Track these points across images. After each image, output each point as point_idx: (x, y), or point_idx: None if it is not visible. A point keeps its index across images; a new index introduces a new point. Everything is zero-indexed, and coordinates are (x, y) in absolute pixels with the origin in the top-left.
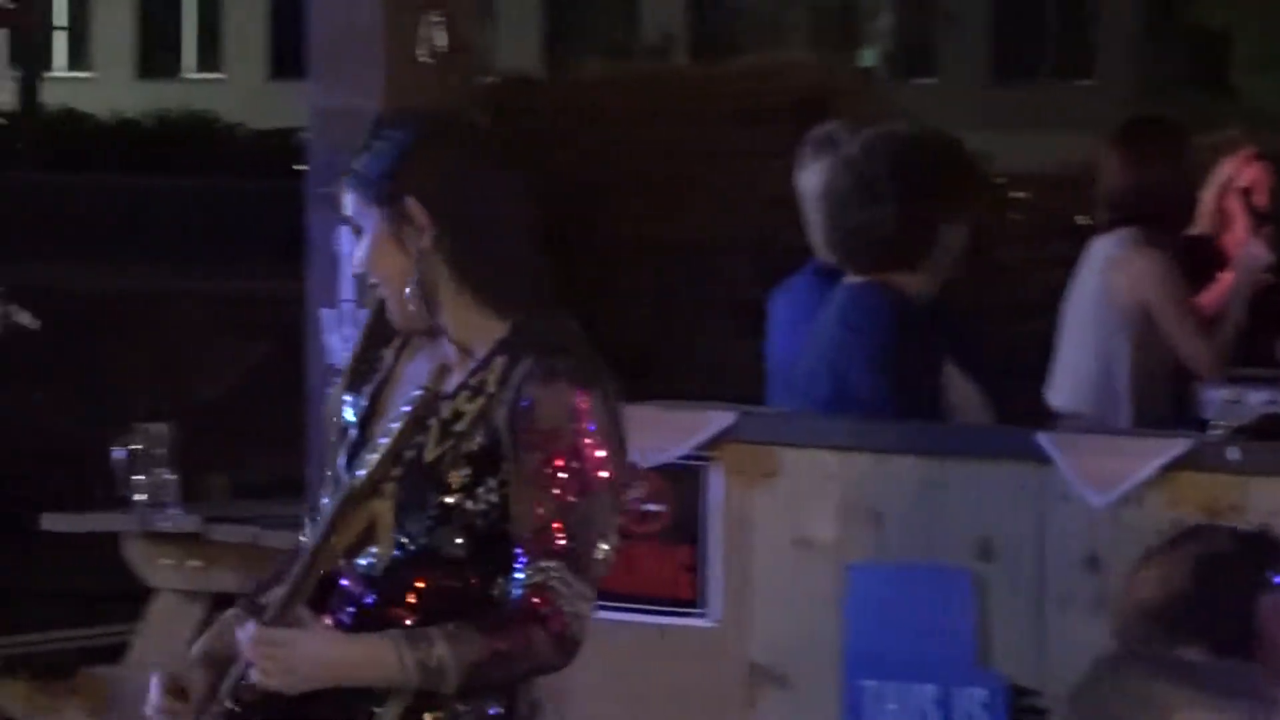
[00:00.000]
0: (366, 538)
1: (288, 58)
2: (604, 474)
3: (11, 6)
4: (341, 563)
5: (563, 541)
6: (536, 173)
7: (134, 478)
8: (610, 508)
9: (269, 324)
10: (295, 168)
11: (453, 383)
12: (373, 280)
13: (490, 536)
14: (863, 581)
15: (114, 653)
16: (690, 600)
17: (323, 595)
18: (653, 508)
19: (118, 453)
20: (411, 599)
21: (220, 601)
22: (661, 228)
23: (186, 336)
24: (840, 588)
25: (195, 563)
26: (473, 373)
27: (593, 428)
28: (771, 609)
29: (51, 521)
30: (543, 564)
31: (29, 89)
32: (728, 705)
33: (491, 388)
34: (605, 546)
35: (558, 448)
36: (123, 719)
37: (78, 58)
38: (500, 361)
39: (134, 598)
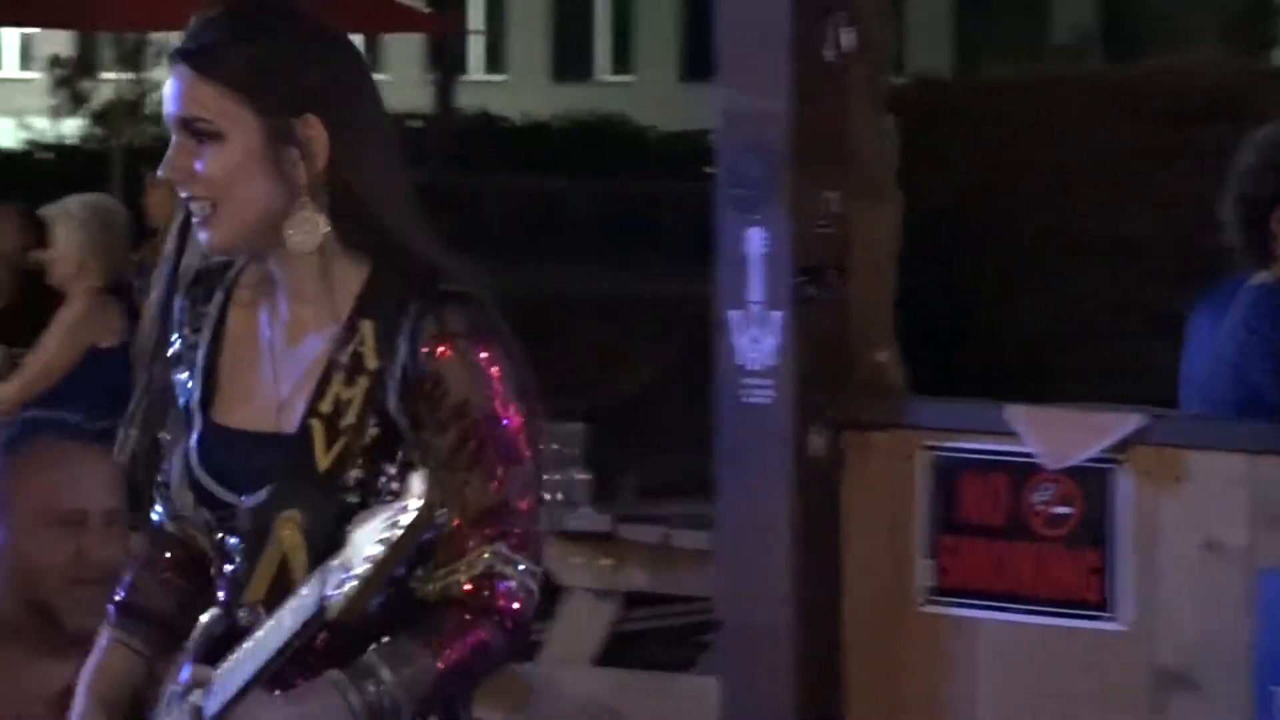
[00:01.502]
0: (281, 579)
1: (699, 59)
2: (524, 433)
3: (429, 12)
4: (262, 615)
5: (502, 521)
6: (946, 174)
7: (546, 477)
8: (538, 464)
9: (677, 325)
10: (705, 170)
11: (306, 353)
12: (201, 194)
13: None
14: (1275, 587)
15: (526, 649)
16: (1098, 603)
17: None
18: (1061, 510)
19: None
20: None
21: (630, 600)
22: (1074, 228)
23: (596, 337)
24: (1251, 593)
25: (606, 562)
26: (338, 346)
27: (503, 385)
28: (1180, 613)
29: None
30: (481, 551)
31: (444, 92)
32: (1136, 709)
33: (370, 362)
34: (538, 509)
35: (472, 421)
36: (537, 716)
37: (493, 62)
38: (368, 325)
39: (547, 595)
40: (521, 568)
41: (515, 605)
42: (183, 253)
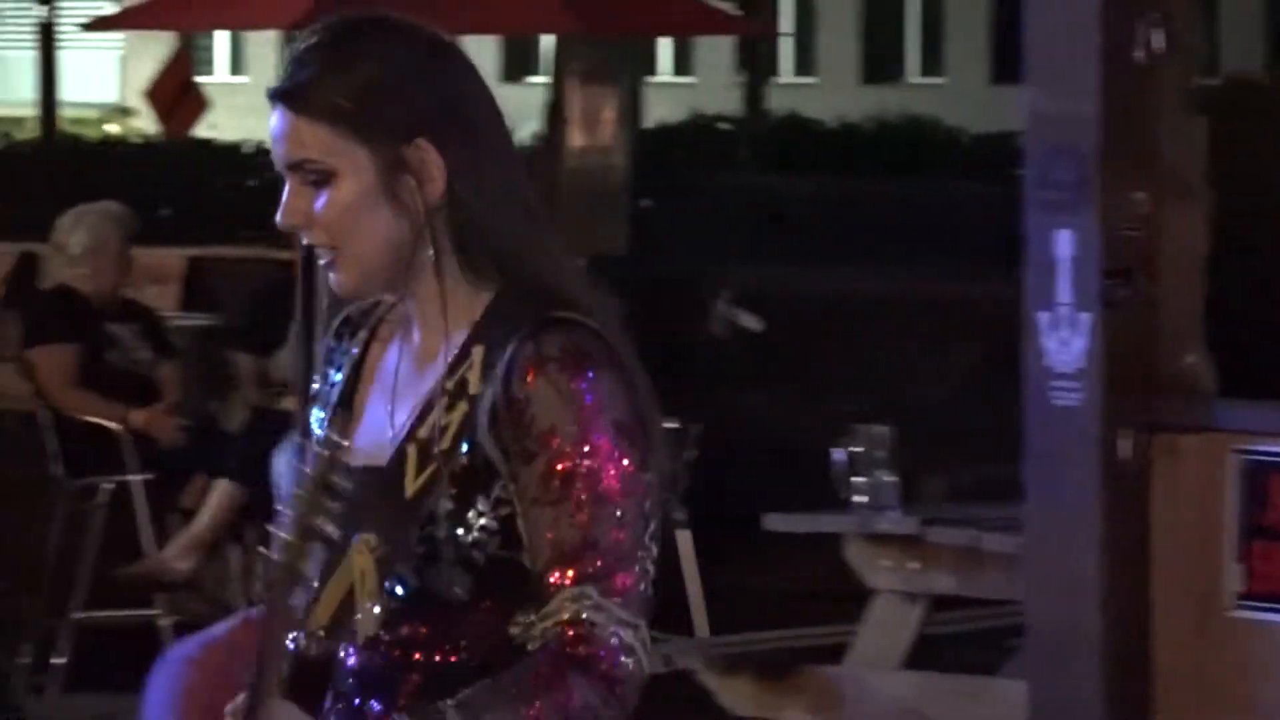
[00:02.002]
0: (348, 604)
1: (1009, 62)
2: (625, 469)
3: (740, 15)
4: (321, 638)
5: (589, 563)
6: (1257, 174)
7: (854, 479)
8: (641, 508)
9: (985, 327)
10: (1014, 172)
11: (427, 383)
12: (326, 241)
13: (495, 569)
14: None
15: (834, 652)
16: None
17: (322, 670)
18: None
19: (837, 454)
20: (417, 656)
21: (938, 603)
22: None
23: (905, 339)
24: None
25: (914, 565)
26: (449, 372)
27: (597, 416)
28: None
29: (774, 522)
30: (570, 594)
31: (755, 95)
32: None
33: (473, 388)
34: (644, 557)
35: (560, 451)
36: (845, 719)
37: (803, 64)
38: (479, 351)
39: (854, 598)
40: (616, 616)
41: (611, 659)
42: (311, 295)
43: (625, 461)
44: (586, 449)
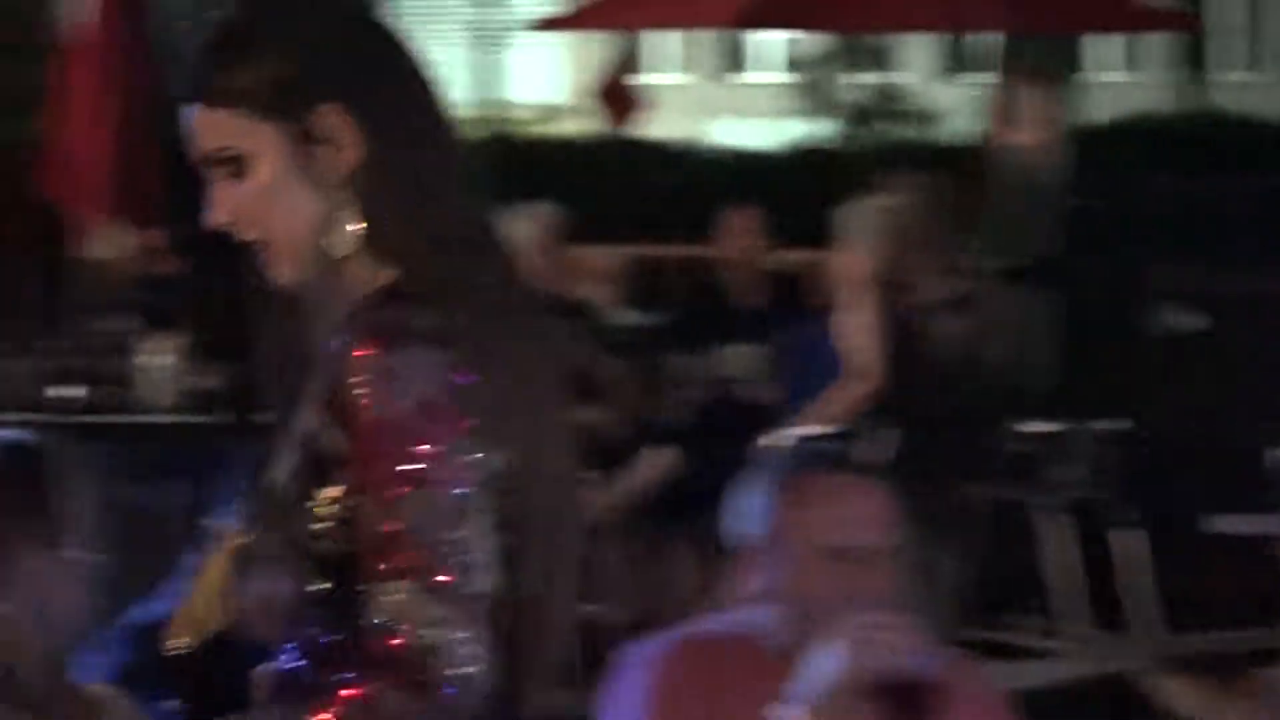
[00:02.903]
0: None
1: None
2: (432, 452)
3: (1177, 11)
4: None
5: (401, 556)
6: None
7: None
8: (460, 493)
9: None
10: None
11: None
12: (255, 233)
13: (338, 566)
14: None
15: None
16: None
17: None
18: None
19: (1272, 455)
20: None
21: None
22: None
23: None
24: None
25: None
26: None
27: (402, 396)
28: None
29: (1223, 523)
30: (383, 589)
31: (1195, 92)
32: None
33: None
34: (467, 548)
35: (365, 435)
36: None
37: (1251, 60)
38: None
39: None
40: (432, 615)
41: (417, 659)
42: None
43: (430, 444)
44: (389, 434)
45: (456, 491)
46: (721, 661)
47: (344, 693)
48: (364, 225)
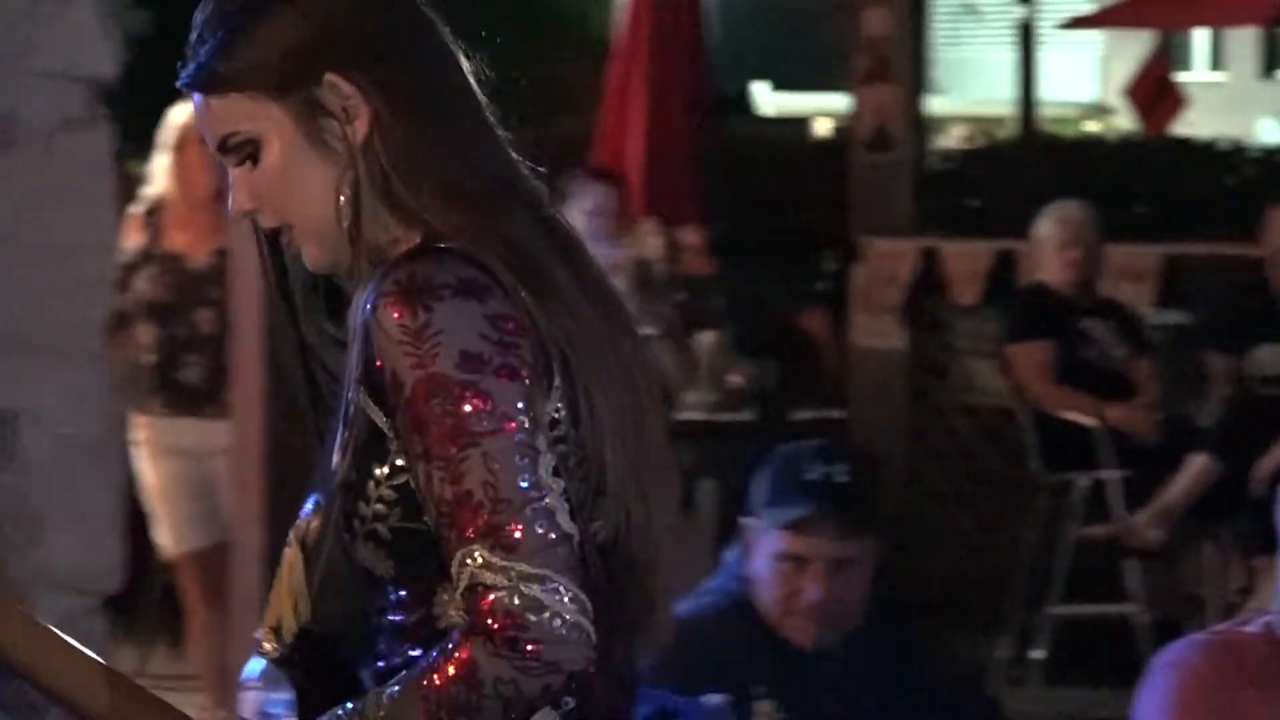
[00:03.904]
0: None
1: None
2: (479, 405)
3: None
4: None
5: (468, 519)
6: None
7: None
8: (516, 444)
9: None
10: None
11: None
12: (276, 217)
13: (405, 544)
14: None
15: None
16: None
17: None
18: None
19: None
20: (354, 647)
21: None
22: None
23: None
24: None
25: None
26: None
27: (440, 351)
28: None
29: None
30: (459, 557)
31: None
32: None
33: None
34: (537, 498)
35: (408, 398)
36: None
37: None
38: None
39: None
40: (513, 572)
41: (520, 622)
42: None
43: (478, 397)
44: (431, 390)
45: (517, 440)
46: (1253, 662)
47: (441, 666)
48: (381, 194)
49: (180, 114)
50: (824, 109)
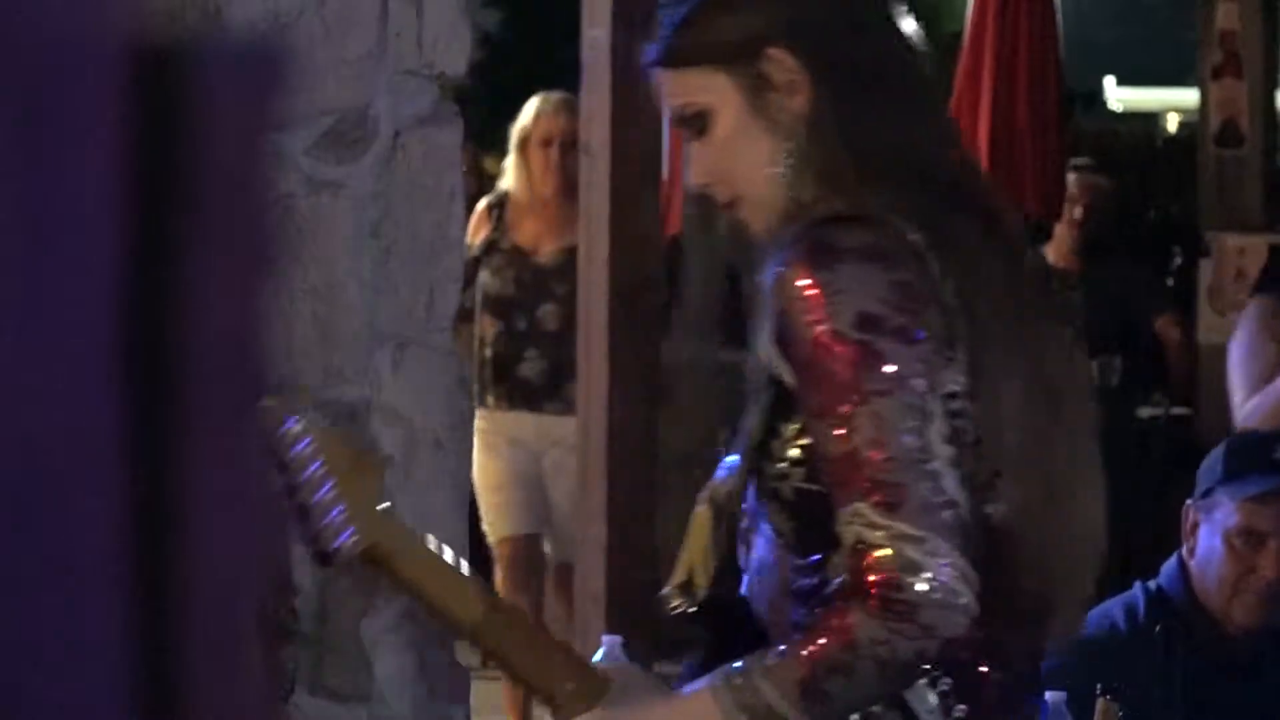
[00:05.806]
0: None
1: None
2: (874, 367)
3: None
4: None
5: (856, 478)
6: None
7: None
8: (906, 406)
9: None
10: None
11: None
12: (727, 191)
13: (806, 505)
14: None
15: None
16: None
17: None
18: None
19: None
20: (761, 607)
21: None
22: None
23: None
24: None
25: None
26: None
27: (840, 313)
28: None
29: None
30: (844, 516)
31: None
32: None
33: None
34: (923, 460)
35: (807, 358)
36: None
37: None
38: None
39: None
40: (893, 531)
41: (898, 583)
42: None
43: (872, 358)
44: (830, 351)
45: (909, 402)
46: None
47: (823, 628)
48: (815, 164)
49: (525, 113)
50: (1173, 104)
